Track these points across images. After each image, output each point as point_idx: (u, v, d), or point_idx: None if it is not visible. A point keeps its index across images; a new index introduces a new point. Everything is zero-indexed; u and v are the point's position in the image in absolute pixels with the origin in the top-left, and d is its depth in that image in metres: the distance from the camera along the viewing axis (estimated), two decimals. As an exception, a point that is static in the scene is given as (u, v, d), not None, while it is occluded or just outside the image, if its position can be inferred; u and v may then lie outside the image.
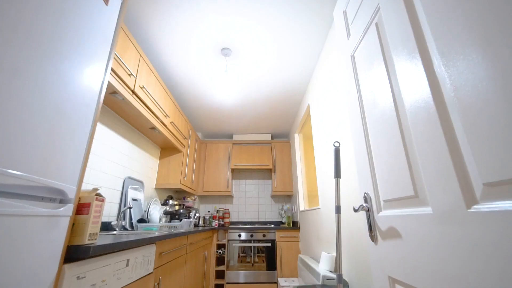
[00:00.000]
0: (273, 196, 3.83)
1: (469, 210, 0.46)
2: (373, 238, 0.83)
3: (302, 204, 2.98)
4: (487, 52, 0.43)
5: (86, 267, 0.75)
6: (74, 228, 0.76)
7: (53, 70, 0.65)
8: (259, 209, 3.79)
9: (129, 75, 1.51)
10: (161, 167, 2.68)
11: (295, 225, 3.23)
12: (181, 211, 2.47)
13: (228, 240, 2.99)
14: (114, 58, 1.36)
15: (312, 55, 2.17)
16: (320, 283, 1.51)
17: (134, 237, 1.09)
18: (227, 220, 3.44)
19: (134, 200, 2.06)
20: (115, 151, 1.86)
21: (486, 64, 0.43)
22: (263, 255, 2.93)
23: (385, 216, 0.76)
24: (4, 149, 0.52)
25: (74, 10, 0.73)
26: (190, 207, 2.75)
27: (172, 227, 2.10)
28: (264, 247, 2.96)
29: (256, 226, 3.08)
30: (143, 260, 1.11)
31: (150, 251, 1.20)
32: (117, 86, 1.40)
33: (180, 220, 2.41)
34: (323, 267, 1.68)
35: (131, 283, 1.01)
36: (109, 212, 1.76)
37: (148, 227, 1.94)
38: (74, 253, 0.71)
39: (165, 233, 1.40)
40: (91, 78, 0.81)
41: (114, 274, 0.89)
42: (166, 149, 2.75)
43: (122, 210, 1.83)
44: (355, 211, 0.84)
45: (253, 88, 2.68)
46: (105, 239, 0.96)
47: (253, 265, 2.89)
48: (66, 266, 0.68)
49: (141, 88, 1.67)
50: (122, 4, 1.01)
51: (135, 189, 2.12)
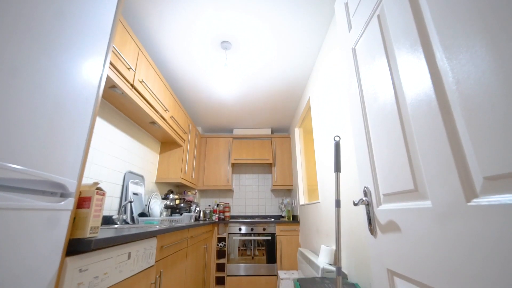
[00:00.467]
0: (273, 190, 3.85)
1: (468, 204, 0.47)
2: (372, 231, 0.83)
3: (302, 198, 2.99)
4: (491, 45, 0.42)
5: (88, 260, 0.75)
6: (76, 221, 0.77)
7: (51, 64, 0.65)
8: (259, 203, 3.82)
9: (128, 69, 1.49)
10: (162, 162, 2.68)
11: (295, 219, 3.25)
12: (182, 205, 2.49)
13: (229, 234, 3.02)
14: (113, 51, 1.34)
15: (313, 49, 2.14)
16: (319, 275, 1.53)
17: (135, 230, 1.10)
18: (227, 214, 3.47)
19: (135, 194, 2.07)
20: (115, 145, 1.86)
21: (489, 57, 0.42)
22: (263, 248, 2.97)
23: (384, 210, 0.77)
24: (4, 143, 0.52)
25: (70, 1, 0.72)
26: (191, 201, 2.77)
27: (173, 220, 2.12)
28: (264, 240, 2.99)
29: (256, 220, 3.10)
30: (144, 253, 1.12)
31: (151, 244, 1.21)
32: (116, 80, 1.39)
33: (181, 214, 2.43)
34: (323, 260, 1.70)
35: (133, 275, 1.02)
36: (110, 206, 1.77)
37: (149, 220, 1.96)
38: (76, 246, 0.72)
39: (166, 227, 1.41)
40: (89, 71, 0.81)
41: (116, 267, 0.90)
42: (166, 143, 2.75)
43: (123, 204, 1.85)
44: (355, 205, 0.84)
45: (253, 82, 2.66)
46: (107, 232, 0.97)
47: (253, 258, 2.93)
48: (68, 259, 0.68)
49: (140, 82, 1.66)
50: (119, -4, 0.99)
51: (136, 183, 2.12)
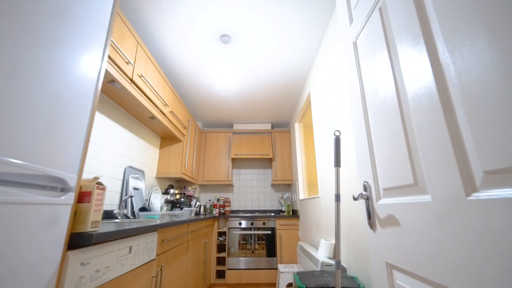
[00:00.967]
0: (273, 185, 3.87)
1: (468, 198, 0.47)
2: (371, 225, 0.84)
3: (302, 193, 3.01)
4: (494, 38, 0.42)
5: (90, 253, 0.76)
6: (76, 216, 0.77)
7: (48, 58, 0.64)
8: (259, 198, 3.84)
9: (126, 63, 1.48)
10: (162, 157, 2.69)
11: (294, 214, 3.27)
12: (182, 199, 2.50)
13: (229, 228, 3.04)
14: (111, 45, 1.33)
15: (313, 44, 2.12)
16: (319, 269, 1.55)
17: (136, 225, 1.11)
18: (227, 208, 3.49)
19: (135, 189, 2.08)
20: (115, 140, 1.86)
21: (492, 50, 0.42)
22: (263, 242, 3.00)
23: (384, 204, 0.77)
24: (4, 138, 0.52)
25: (67, -6, 0.71)
26: (191, 196, 2.78)
27: (173, 215, 2.13)
28: (264, 234, 3.02)
29: (256, 214, 3.13)
30: (145, 247, 1.13)
31: (152, 239, 1.22)
32: (115, 74, 1.38)
33: (181, 209, 2.44)
34: (322, 254, 1.72)
35: (134, 269, 1.04)
36: (111, 201, 1.78)
37: (150, 215, 1.97)
38: (77, 240, 0.72)
39: (166, 221, 1.42)
40: (88, 66, 0.80)
41: (117, 261, 0.91)
42: (166, 138, 2.74)
43: (123, 199, 1.85)
44: (355, 199, 0.85)
45: (253, 76, 2.64)
46: (108, 226, 0.98)
47: (253, 252, 2.96)
48: (69, 252, 0.69)
49: (139, 76, 1.65)
50: (117, -12, 0.98)
51: (136, 178, 2.13)
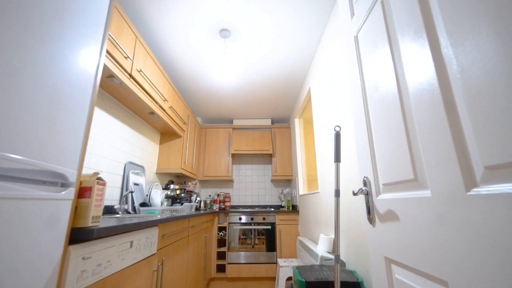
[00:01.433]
0: (273, 181, 3.88)
1: (468, 193, 0.47)
2: (371, 220, 0.84)
3: (302, 188, 3.02)
4: (498, 30, 0.41)
5: (91, 248, 0.77)
6: (77, 211, 0.77)
7: (45, 52, 0.63)
8: (259, 193, 3.85)
9: (125, 57, 1.47)
10: (162, 152, 2.69)
11: (294, 209, 3.29)
12: (182, 195, 2.51)
13: (229, 223, 3.07)
14: (109, 39, 1.31)
15: (314, 38, 2.10)
16: (318, 263, 1.57)
17: (137, 220, 1.12)
18: (227, 204, 3.51)
19: (136, 184, 2.09)
20: (115, 136, 1.85)
21: (495, 43, 0.41)
22: (263, 237, 3.02)
23: (383, 200, 0.77)
24: (3, 133, 0.52)
25: (64, -14, 0.70)
26: (191, 191, 2.79)
27: (173, 210, 2.14)
28: (264, 229, 3.04)
29: (256, 209, 3.14)
30: (146, 242, 1.14)
31: (153, 233, 1.23)
32: (113, 69, 1.37)
33: (182, 204, 2.45)
34: (321, 249, 1.73)
35: (136, 263, 1.04)
36: (111, 196, 1.79)
37: (150, 210, 1.98)
38: (78, 235, 0.73)
39: (167, 216, 1.43)
40: (86, 60, 0.79)
41: (118, 255, 0.91)
42: (166, 134, 2.74)
43: (124, 194, 1.86)
44: (354, 194, 0.85)
45: (253, 71, 2.62)
46: (109, 221, 0.98)
47: (253, 246, 2.99)
48: (71, 247, 0.70)
49: (138, 71, 1.63)
50: (115, -19, 0.96)
51: (136, 173, 2.13)
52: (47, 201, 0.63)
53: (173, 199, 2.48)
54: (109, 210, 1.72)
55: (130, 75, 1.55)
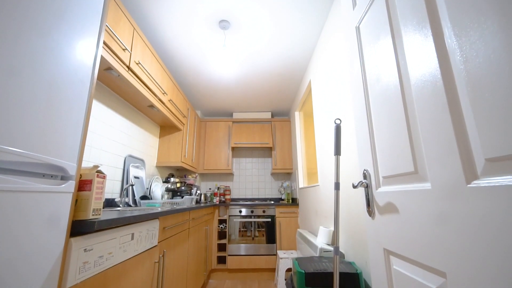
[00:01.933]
0: (273, 174, 3.89)
1: (468, 186, 0.47)
2: (370, 213, 0.85)
3: (301, 181, 3.03)
4: (504, 20, 0.40)
5: (93, 240, 0.77)
6: (78, 204, 0.78)
7: (41, 44, 0.62)
8: (259, 186, 3.87)
9: (123, 49, 1.44)
10: (162, 146, 2.68)
11: (294, 202, 3.32)
12: (183, 188, 2.52)
13: (229, 216, 3.09)
14: (106, 30, 1.29)
15: (314, 30, 2.06)
16: (317, 255, 1.59)
17: (138, 212, 1.12)
18: (228, 197, 3.53)
19: (136, 177, 2.09)
20: (114, 129, 1.85)
21: (501, 33, 0.40)
22: (263, 229, 3.05)
23: (383, 192, 0.77)
24: (2, 126, 0.51)
25: (58, -25, 0.68)
26: (192, 185, 2.80)
27: (174, 203, 2.16)
28: (264, 222, 3.07)
29: (256, 202, 3.17)
30: (147, 234, 1.15)
31: (154, 226, 1.24)
32: (111, 61, 1.35)
33: (182, 197, 2.47)
34: (321, 241, 1.75)
35: (137, 255, 1.06)
36: (112, 189, 1.80)
37: (151, 203, 2.00)
38: (79, 227, 0.73)
39: (167, 209, 1.44)
40: (83, 51, 0.78)
41: (120, 247, 0.92)
42: (166, 127, 2.73)
43: (124, 187, 1.87)
44: (354, 187, 0.85)
45: (252, 63, 2.59)
46: (109, 214, 0.99)
47: (253, 239, 3.02)
48: (72, 239, 0.70)
49: (136, 64, 1.61)
50: (111, -30, 0.93)
51: (137, 167, 2.14)
52: (47, 194, 0.63)
53: (174, 192, 2.49)
54: (110, 203, 1.73)
55: (129, 67, 1.53)
